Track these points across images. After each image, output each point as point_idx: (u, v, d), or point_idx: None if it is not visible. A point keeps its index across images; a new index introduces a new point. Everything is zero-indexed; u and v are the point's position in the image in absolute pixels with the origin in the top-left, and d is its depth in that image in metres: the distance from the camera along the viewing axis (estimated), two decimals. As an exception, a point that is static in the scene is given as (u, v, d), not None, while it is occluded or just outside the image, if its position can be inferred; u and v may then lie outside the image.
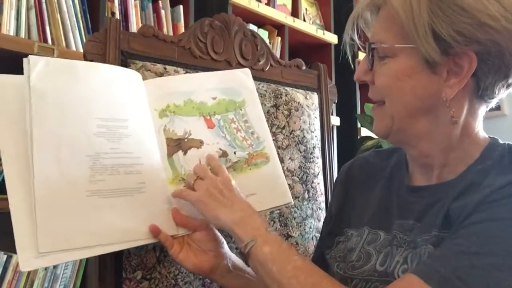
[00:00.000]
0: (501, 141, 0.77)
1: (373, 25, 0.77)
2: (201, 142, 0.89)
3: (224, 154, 0.90)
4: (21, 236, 0.66)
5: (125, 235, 0.76)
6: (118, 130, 0.80)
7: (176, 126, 0.88)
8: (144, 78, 0.91)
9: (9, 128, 0.72)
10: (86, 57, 0.88)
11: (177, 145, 0.87)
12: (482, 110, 0.75)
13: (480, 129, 0.76)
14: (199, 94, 0.92)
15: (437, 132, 0.74)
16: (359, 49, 0.82)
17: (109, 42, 0.89)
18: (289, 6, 2.42)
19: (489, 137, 0.78)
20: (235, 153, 0.91)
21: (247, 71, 1.00)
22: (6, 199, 1.30)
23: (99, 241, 0.73)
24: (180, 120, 0.89)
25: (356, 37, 0.80)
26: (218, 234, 0.85)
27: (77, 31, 1.55)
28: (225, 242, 0.86)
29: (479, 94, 0.72)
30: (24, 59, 0.75)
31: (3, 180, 1.37)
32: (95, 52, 0.88)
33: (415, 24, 0.68)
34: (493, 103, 0.76)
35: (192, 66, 1.01)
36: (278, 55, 2.25)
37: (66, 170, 0.73)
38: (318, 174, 1.14)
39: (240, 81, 0.97)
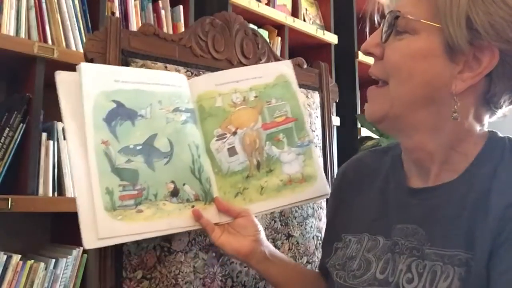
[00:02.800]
0: (500, 134, 0.74)
1: None
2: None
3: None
4: (85, 220, 0.74)
5: (171, 222, 0.81)
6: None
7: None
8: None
9: (75, 121, 0.78)
10: (87, 56, 0.87)
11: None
12: (487, 117, 0.73)
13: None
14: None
15: (437, 127, 0.70)
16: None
17: (110, 41, 0.89)
18: (289, 6, 2.41)
19: (488, 131, 0.74)
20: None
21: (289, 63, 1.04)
22: (6, 199, 1.31)
23: (148, 228, 0.79)
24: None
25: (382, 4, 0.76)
26: (257, 221, 0.87)
27: (77, 31, 1.55)
28: (262, 230, 0.87)
29: (487, 97, 0.69)
30: (77, 67, 0.81)
31: (3, 180, 1.38)
32: (96, 51, 0.87)
33: (452, 5, 0.64)
34: (497, 115, 0.73)
35: (193, 65, 1.00)
36: (278, 55, 2.24)
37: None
38: (319, 173, 1.14)
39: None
